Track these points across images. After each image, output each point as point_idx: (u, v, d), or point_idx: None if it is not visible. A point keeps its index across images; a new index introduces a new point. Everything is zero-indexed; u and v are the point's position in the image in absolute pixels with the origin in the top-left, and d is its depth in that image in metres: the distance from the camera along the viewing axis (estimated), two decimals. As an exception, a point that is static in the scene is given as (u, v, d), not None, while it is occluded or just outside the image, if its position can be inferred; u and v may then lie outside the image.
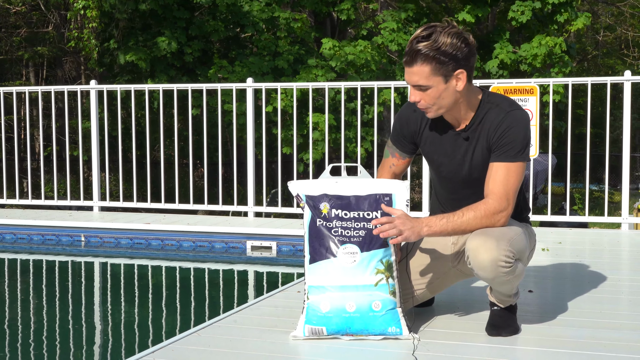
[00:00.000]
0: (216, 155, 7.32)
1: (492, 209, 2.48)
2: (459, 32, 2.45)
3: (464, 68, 2.47)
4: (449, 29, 2.43)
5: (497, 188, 2.50)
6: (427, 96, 2.49)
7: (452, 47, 2.42)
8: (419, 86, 2.48)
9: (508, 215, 2.51)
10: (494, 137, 2.52)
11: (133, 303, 4.55)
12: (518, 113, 2.53)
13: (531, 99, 5.88)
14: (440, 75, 2.45)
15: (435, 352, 2.41)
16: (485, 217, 2.48)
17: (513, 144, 2.50)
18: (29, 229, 6.30)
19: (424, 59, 2.42)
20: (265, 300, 3.23)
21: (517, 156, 2.50)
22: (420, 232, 2.44)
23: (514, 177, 2.50)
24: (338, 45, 11.72)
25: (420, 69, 2.44)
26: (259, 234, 5.79)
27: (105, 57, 13.13)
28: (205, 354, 2.44)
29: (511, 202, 2.50)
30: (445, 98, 2.49)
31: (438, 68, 2.43)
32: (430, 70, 2.44)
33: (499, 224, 2.49)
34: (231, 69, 11.75)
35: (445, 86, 2.47)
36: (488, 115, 2.54)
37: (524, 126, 2.52)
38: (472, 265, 2.44)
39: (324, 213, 2.56)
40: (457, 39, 2.43)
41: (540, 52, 11.42)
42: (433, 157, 2.68)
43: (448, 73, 2.45)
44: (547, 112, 10.97)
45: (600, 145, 18.01)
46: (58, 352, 3.52)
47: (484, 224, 2.48)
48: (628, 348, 2.46)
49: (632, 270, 4.24)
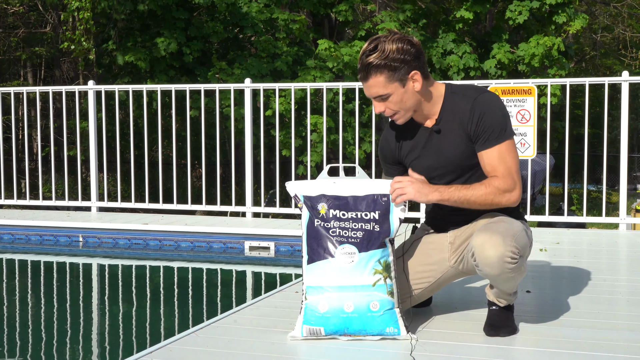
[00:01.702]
0: (214, 155, 7.31)
1: (501, 187, 2.52)
2: (402, 36, 2.52)
3: (417, 68, 2.53)
4: (392, 36, 2.51)
5: (497, 170, 2.54)
6: (390, 104, 2.56)
7: (400, 52, 2.49)
8: (379, 96, 2.55)
9: (518, 193, 2.55)
10: (471, 127, 2.55)
11: (131, 303, 4.55)
12: (485, 96, 2.57)
13: (529, 100, 5.88)
14: (396, 81, 2.51)
15: (433, 352, 2.42)
16: (495, 194, 2.52)
17: (492, 127, 2.53)
18: (27, 230, 6.30)
19: (376, 69, 2.50)
20: (263, 300, 3.23)
21: (500, 136, 2.54)
22: (428, 195, 2.52)
23: (509, 156, 2.55)
24: (334, 47, 11.72)
25: (376, 80, 2.52)
26: (257, 235, 5.79)
27: (103, 58, 13.12)
28: (203, 354, 2.44)
29: (516, 180, 2.55)
30: (407, 101, 2.56)
31: (392, 75, 2.50)
32: (385, 79, 2.51)
33: (509, 202, 2.54)
34: (230, 71, 11.75)
35: (404, 89, 2.54)
36: (456, 106, 2.59)
37: (496, 107, 2.55)
38: (478, 261, 2.44)
39: (322, 213, 2.56)
40: (402, 42, 2.50)
41: (537, 52, 11.43)
42: (415, 162, 2.70)
43: (403, 77, 2.51)
44: (543, 115, 11.00)
45: (598, 145, 18.03)
46: (56, 353, 3.52)
47: (494, 201, 2.53)
48: (626, 348, 2.46)
49: (630, 271, 4.25)
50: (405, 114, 2.60)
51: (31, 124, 14.39)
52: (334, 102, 11.04)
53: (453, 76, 11.78)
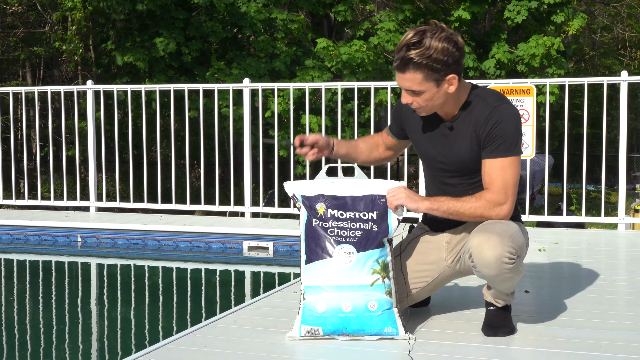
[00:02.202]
0: (213, 155, 7.31)
1: (493, 200, 2.50)
2: (449, 35, 2.45)
3: (455, 72, 2.48)
4: (439, 33, 2.43)
5: (493, 183, 2.51)
6: (419, 99, 2.53)
7: (444, 53, 2.42)
8: (411, 91, 2.51)
9: (509, 209, 2.52)
10: (483, 133, 2.53)
11: (129, 303, 4.55)
12: (505, 107, 2.54)
13: (528, 99, 5.88)
14: (432, 81, 2.47)
15: (432, 352, 2.41)
16: (485, 208, 2.50)
17: (503, 139, 2.50)
18: (26, 230, 6.29)
19: (416, 66, 2.44)
20: (261, 300, 3.22)
21: (509, 150, 2.51)
22: (418, 202, 2.55)
23: (510, 171, 2.51)
24: (333, 46, 11.71)
25: (413, 76, 2.46)
26: (255, 235, 5.79)
27: (102, 58, 13.11)
28: (201, 354, 2.43)
29: (510, 196, 2.51)
30: (437, 100, 2.53)
31: (430, 75, 2.45)
32: (422, 78, 2.46)
33: (499, 217, 2.51)
34: (228, 71, 11.75)
35: (437, 90, 2.50)
36: (475, 109, 2.56)
37: (513, 121, 2.52)
38: (476, 262, 2.44)
39: (320, 213, 2.56)
40: (448, 43, 2.43)
41: (537, 52, 11.43)
42: (420, 145, 2.73)
43: (440, 78, 2.47)
44: (542, 114, 10.99)
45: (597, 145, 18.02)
46: (55, 353, 3.52)
47: (483, 215, 2.51)
48: (625, 348, 2.46)
49: (628, 271, 4.24)
50: (430, 111, 2.58)
51: (30, 123, 14.38)
52: (332, 101, 11.03)
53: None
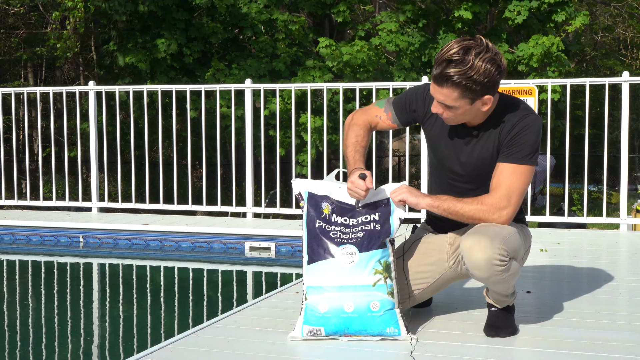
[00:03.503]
0: (215, 156, 7.31)
1: (494, 204, 2.49)
2: (493, 56, 2.39)
3: (492, 94, 2.45)
4: (484, 53, 2.37)
5: (499, 186, 2.50)
6: (450, 113, 2.49)
7: (485, 75, 2.37)
8: (444, 104, 2.47)
9: (508, 216, 2.50)
10: (506, 139, 2.52)
11: (132, 303, 4.55)
12: (532, 118, 2.53)
13: (529, 100, 5.89)
14: (467, 99, 2.43)
15: (433, 352, 2.42)
16: (485, 212, 2.49)
17: (522, 147, 2.49)
18: (28, 230, 6.30)
19: (454, 84, 2.39)
20: (263, 301, 3.23)
21: (524, 159, 2.50)
22: (418, 197, 2.53)
23: (520, 179, 2.50)
24: (335, 45, 11.72)
25: (449, 92, 2.42)
26: (257, 235, 5.79)
27: (104, 59, 13.12)
28: (203, 355, 2.44)
29: (512, 203, 2.50)
30: (467, 115, 2.50)
31: (466, 94, 2.41)
32: (458, 95, 2.42)
33: (499, 222, 2.49)
34: (228, 71, 11.75)
35: (470, 107, 2.47)
36: (504, 117, 2.54)
37: (536, 131, 2.51)
38: (467, 264, 2.45)
39: (325, 213, 2.56)
40: (492, 65, 2.38)
41: (537, 51, 11.43)
42: (438, 146, 2.67)
43: (475, 97, 2.43)
44: (544, 111, 10.98)
45: (599, 146, 18.02)
46: (57, 353, 3.52)
47: (482, 218, 2.50)
48: (626, 349, 2.46)
49: (630, 271, 4.24)
50: (457, 122, 2.55)
51: (32, 124, 14.39)
52: (333, 101, 11.04)
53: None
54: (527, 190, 2.57)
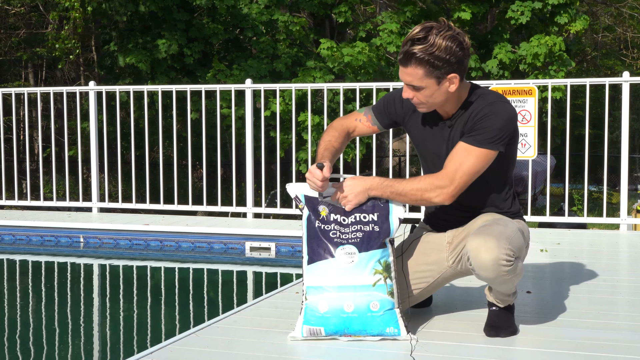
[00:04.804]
0: (215, 156, 7.32)
1: (434, 183, 2.51)
2: (455, 34, 2.46)
3: (457, 72, 2.50)
4: (445, 31, 2.45)
5: (446, 166, 2.53)
6: (420, 95, 2.54)
7: (447, 52, 2.44)
8: (412, 86, 2.53)
9: (448, 195, 2.51)
10: (470, 123, 2.55)
11: (132, 304, 4.56)
12: (500, 105, 2.55)
13: (530, 100, 5.88)
14: (433, 78, 2.48)
15: (433, 352, 2.42)
16: (425, 190, 2.51)
17: (483, 130, 2.51)
18: (28, 230, 6.30)
19: (418, 62, 2.46)
20: (263, 301, 3.23)
21: (482, 142, 2.51)
22: (365, 193, 2.54)
23: (472, 161, 2.51)
24: (336, 47, 11.72)
25: (414, 71, 2.48)
26: (257, 235, 5.79)
27: (105, 60, 13.13)
28: (203, 355, 2.44)
29: (455, 182, 2.50)
30: (437, 97, 2.54)
31: (431, 71, 2.47)
32: (423, 73, 2.48)
33: (439, 200, 2.51)
34: (229, 72, 11.76)
35: (438, 87, 2.51)
36: (473, 106, 2.58)
37: (502, 118, 2.53)
38: (474, 265, 2.45)
39: (323, 215, 2.56)
40: (453, 42, 2.44)
41: (540, 51, 11.43)
42: (422, 143, 2.73)
43: (441, 76, 2.48)
44: (545, 110, 10.98)
45: (599, 146, 18.02)
46: (57, 353, 3.52)
47: (423, 197, 2.52)
48: (626, 349, 2.46)
49: (630, 271, 4.24)
50: (429, 107, 2.59)
51: (32, 124, 14.40)
52: (334, 102, 11.04)
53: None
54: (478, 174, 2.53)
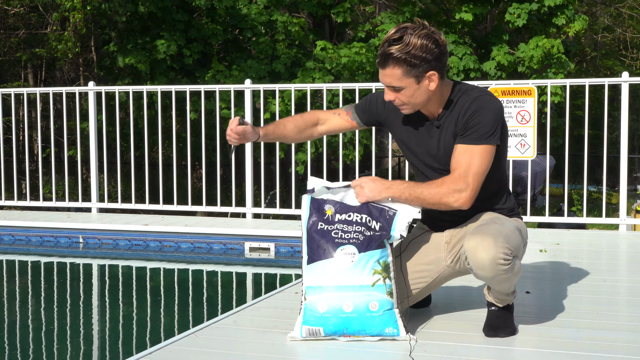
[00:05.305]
0: (214, 156, 7.32)
1: (452, 187, 2.50)
2: (429, 33, 2.48)
3: (435, 69, 2.51)
4: (420, 30, 2.47)
5: (457, 168, 2.53)
6: (401, 96, 2.56)
7: (423, 50, 2.46)
8: (392, 87, 2.54)
9: (467, 198, 2.50)
10: (461, 122, 2.55)
11: (131, 304, 4.55)
12: (486, 98, 2.56)
13: (529, 100, 5.88)
14: (412, 77, 2.50)
15: (433, 353, 2.42)
16: (444, 195, 2.50)
17: (477, 127, 2.52)
18: (27, 231, 6.30)
19: (395, 62, 2.48)
20: (263, 301, 3.23)
21: (481, 139, 2.52)
22: (381, 193, 2.55)
23: (478, 160, 2.51)
24: (332, 48, 11.72)
25: (392, 72, 2.50)
26: (257, 235, 5.79)
27: (104, 60, 13.13)
28: (202, 355, 2.44)
29: (471, 184, 2.50)
30: (418, 97, 2.55)
31: (409, 70, 2.49)
32: (402, 73, 2.49)
33: (458, 204, 2.50)
34: (228, 73, 11.75)
35: (418, 87, 2.52)
36: (458, 103, 2.58)
37: (492, 110, 2.53)
38: (472, 265, 2.45)
39: (328, 215, 2.56)
40: (428, 40, 2.47)
41: (537, 53, 11.43)
42: (408, 144, 2.73)
43: (420, 74, 2.50)
44: (545, 112, 10.98)
45: (599, 146, 18.02)
46: (56, 353, 3.52)
47: (442, 201, 2.51)
48: (626, 349, 2.46)
49: (629, 272, 4.24)
50: (412, 108, 2.60)
51: (32, 124, 14.39)
52: (333, 102, 11.04)
53: (453, 77, 11.77)
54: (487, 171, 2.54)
